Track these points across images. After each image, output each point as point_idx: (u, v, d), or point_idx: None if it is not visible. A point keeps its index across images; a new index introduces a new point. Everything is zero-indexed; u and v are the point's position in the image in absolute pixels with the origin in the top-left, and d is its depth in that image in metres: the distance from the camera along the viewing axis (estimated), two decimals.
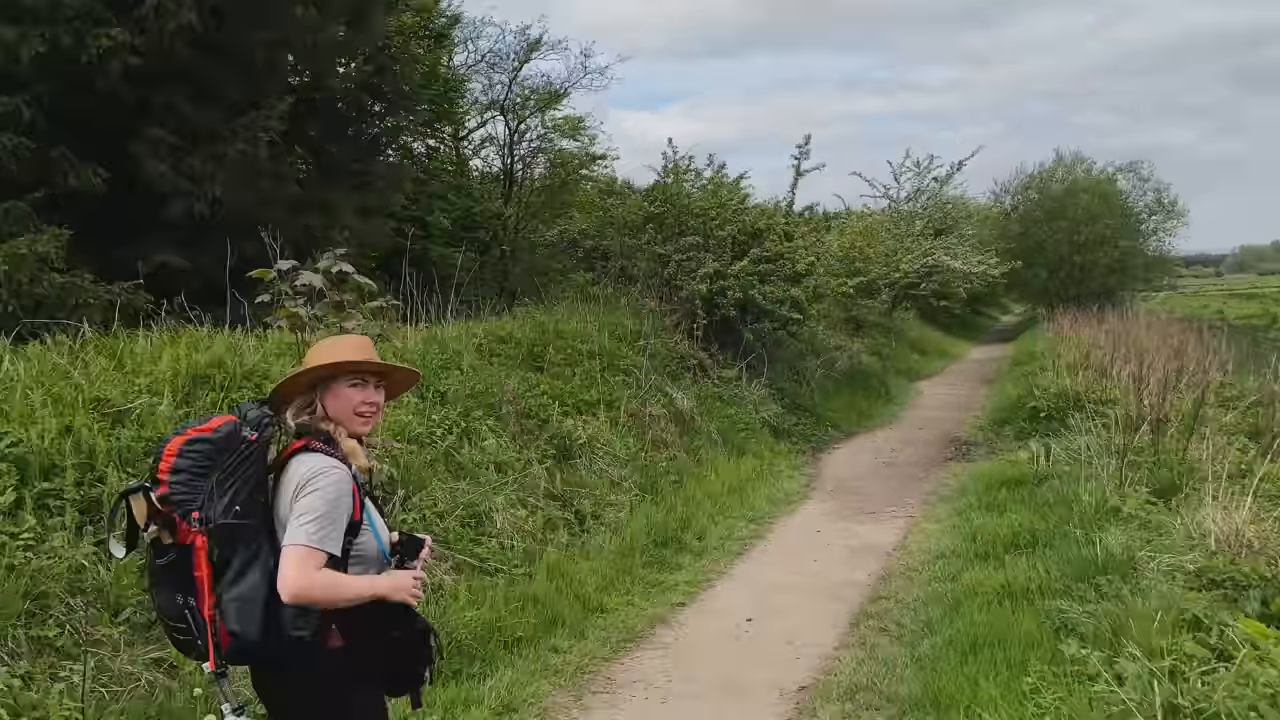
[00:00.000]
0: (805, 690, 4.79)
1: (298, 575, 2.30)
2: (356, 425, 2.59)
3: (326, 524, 2.37)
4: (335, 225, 12.27)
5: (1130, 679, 3.12)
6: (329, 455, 2.46)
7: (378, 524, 2.60)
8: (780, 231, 13.25)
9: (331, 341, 2.70)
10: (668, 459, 9.20)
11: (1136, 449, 7.64)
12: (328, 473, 2.41)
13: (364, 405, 2.59)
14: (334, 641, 2.43)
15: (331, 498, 2.38)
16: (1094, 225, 30.04)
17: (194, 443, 2.40)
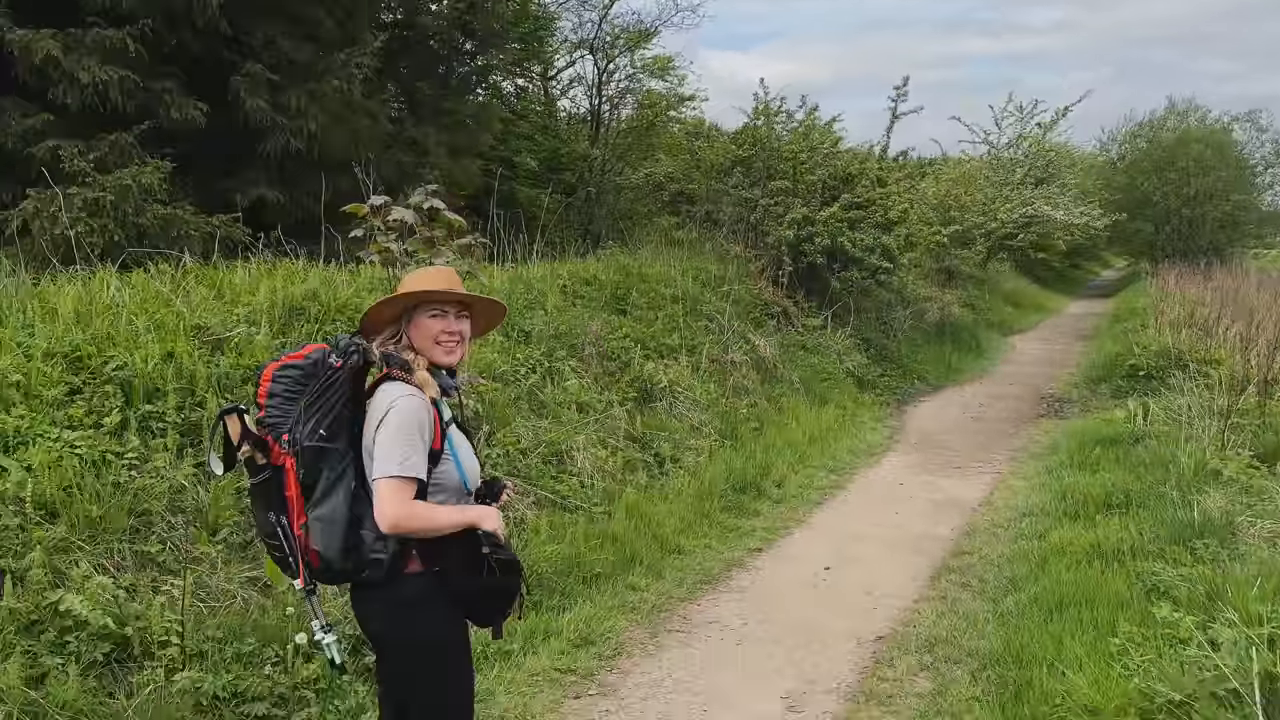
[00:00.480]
0: (882, 640, 4.75)
1: (395, 506, 2.37)
2: (438, 355, 2.59)
3: (408, 451, 2.40)
4: (425, 163, 12.39)
5: (1226, 645, 3.00)
6: (407, 383, 2.50)
7: (462, 455, 2.61)
8: (873, 177, 12.90)
9: (418, 272, 2.71)
10: (748, 406, 9.15)
11: (1241, 411, 7.30)
12: (405, 401, 2.44)
13: (444, 335, 2.59)
14: (413, 566, 2.47)
15: (410, 425, 2.42)
16: (1205, 177, 28.54)
17: (286, 369, 2.50)
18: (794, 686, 4.24)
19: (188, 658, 3.64)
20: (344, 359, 2.49)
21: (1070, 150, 28.67)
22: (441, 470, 2.52)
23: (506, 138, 17.72)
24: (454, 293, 2.62)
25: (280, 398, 2.48)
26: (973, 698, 3.95)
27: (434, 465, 2.49)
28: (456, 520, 2.48)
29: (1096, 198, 25.65)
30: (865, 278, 12.87)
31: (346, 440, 2.50)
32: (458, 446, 2.60)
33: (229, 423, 2.53)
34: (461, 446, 2.63)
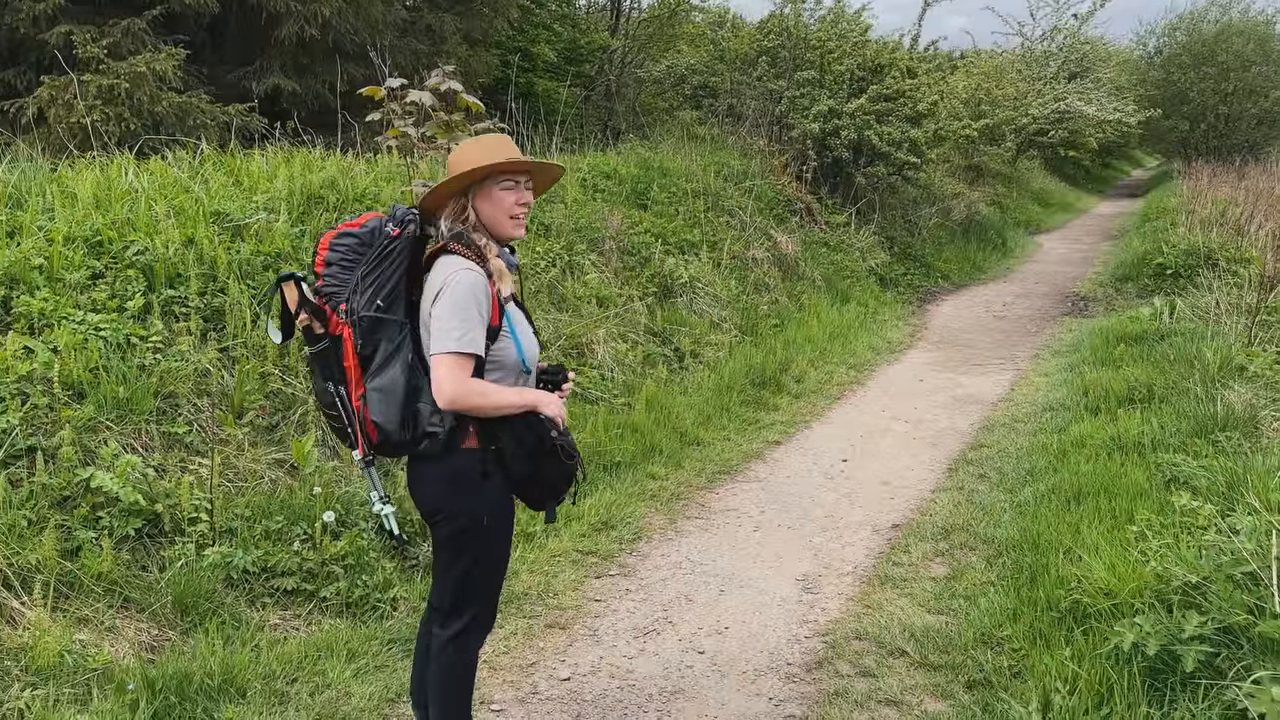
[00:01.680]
0: (898, 529, 4.81)
1: (453, 383, 2.32)
2: (510, 228, 2.50)
3: (466, 326, 2.34)
4: (441, 51, 12.10)
5: (1245, 531, 3.01)
6: (465, 257, 2.41)
7: (521, 333, 2.53)
8: (903, 67, 12.51)
9: (475, 143, 2.51)
10: (769, 302, 9.10)
11: (1270, 309, 7.18)
12: (461, 275, 2.35)
13: (518, 208, 2.48)
14: (470, 442, 2.43)
15: (467, 299, 2.34)
16: (1245, 72, 27.51)
17: (342, 236, 2.45)
18: (810, 570, 4.32)
19: (217, 534, 3.73)
20: (401, 227, 2.42)
21: (1106, 44, 27.71)
22: (500, 348, 2.45)
23: (524, 26, 17.25)
24: (527, 160, 2.49)
25: (337, 266, 2.42)
26: (987, 582, 4.00)
27: (492, 342, 2.42)
28: (515, 402, 2.43)
29: (1131, 94, 24.87)
30: (891, 173, 12.63)
31: (404, 311, 2.45)
32: (516, 324, 2.51)
33: (286, 290, 2.47)
34: (520, 325, 2.54)
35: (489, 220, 2.48)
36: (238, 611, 3.52)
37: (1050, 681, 3.00)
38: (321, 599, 3.67)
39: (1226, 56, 27.37)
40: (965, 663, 3.38)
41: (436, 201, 2.50)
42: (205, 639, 3.30)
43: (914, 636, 3.61)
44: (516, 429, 2.44)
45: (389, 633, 3.55)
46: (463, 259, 2.41)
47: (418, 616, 3.64)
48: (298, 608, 3.64)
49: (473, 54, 13.04)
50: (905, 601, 3.94)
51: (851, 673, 3.43)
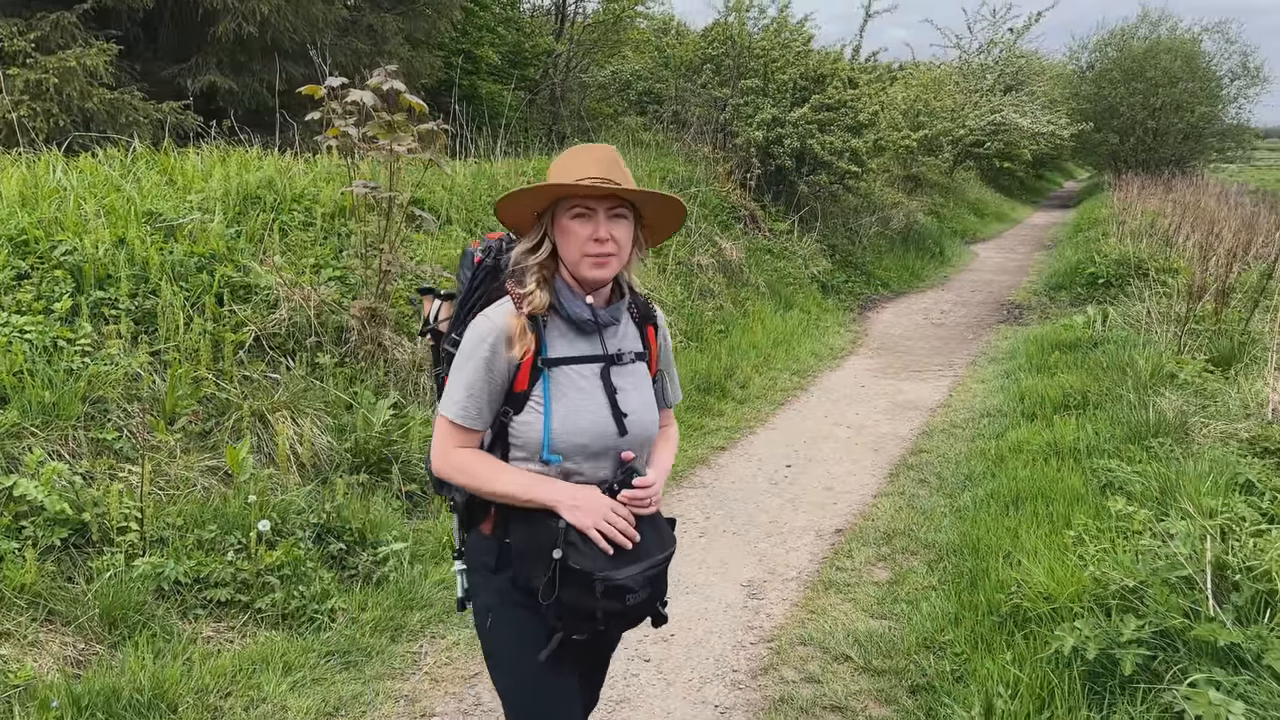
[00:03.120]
0: (841, 534, 4.84)
1: (433, 451, 2.01)
2: (585, 268, 1.96)
3: (457, 387, 1.96)
4: (383, 51, 11.96)
5: (1180, 536, 3.08)
6: (512, 297, 1.99)
7: (561, 409, 1.94)
8: (844, 78, 12.67)
9: (568, 154, 2.04)
10: (714, 308, 9.13)
11: (1198, 318, 7.40)
12: (477, 320, 1.98)
13: (593, 244, 1.94)
14: (487, 525, 2.03)
15: (466, 352, 1.96)
16: (1172, 89, 28.47)
17: (464, 255, 2.21)
18: (755, 575, 4.32)
19: (148, 544, 3.61)
20: (484, 255, 2.11)
21: (1040, 58, 28.42)
22: (523, 422, 1.94)
23: (467, 29, 17.13)
24: (597, 184, 1.91)
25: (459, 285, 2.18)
26: (929, 586, 4.05)
27: (515, 411, 1.95)
28: (520, 491, 1.91)
29: (1064, 107, 25.54)
30: (833, 182, 12.78)
31: None
32: (560, 395, 1.95)
33: (425, 302, 2.30)
34: (569, 397, 1.95)
35: (565, 255, 2.00)
36: (169, 624, 3.40)
37: (992, 686, 3.03)
38: (256, 610, 3.56)
39: (1155, 73, 28.28)
40: (908, 667, 3.41)
41: (512, 219, 2.08)
42: (134, 653, 3.18)
43: (858, 641, 3.63)
44: (529, 527, 1.93)
45: (326, 644, 3.46)
46: (505, 299, 2.01)
47: (356, 628, 3.57)
48: (231, 619, 3.54)
49: (415, 55, 12.90)
50: (849, 606, 3.97)
51: (797, 679, 3.44)
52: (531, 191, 1.94)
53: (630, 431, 1.98)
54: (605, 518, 1.87)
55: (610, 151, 2.02)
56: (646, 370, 2.11)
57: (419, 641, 3.62)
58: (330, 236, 5.83)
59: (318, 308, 4.93)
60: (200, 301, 4.72)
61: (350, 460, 4.47)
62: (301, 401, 4.55)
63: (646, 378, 2.10)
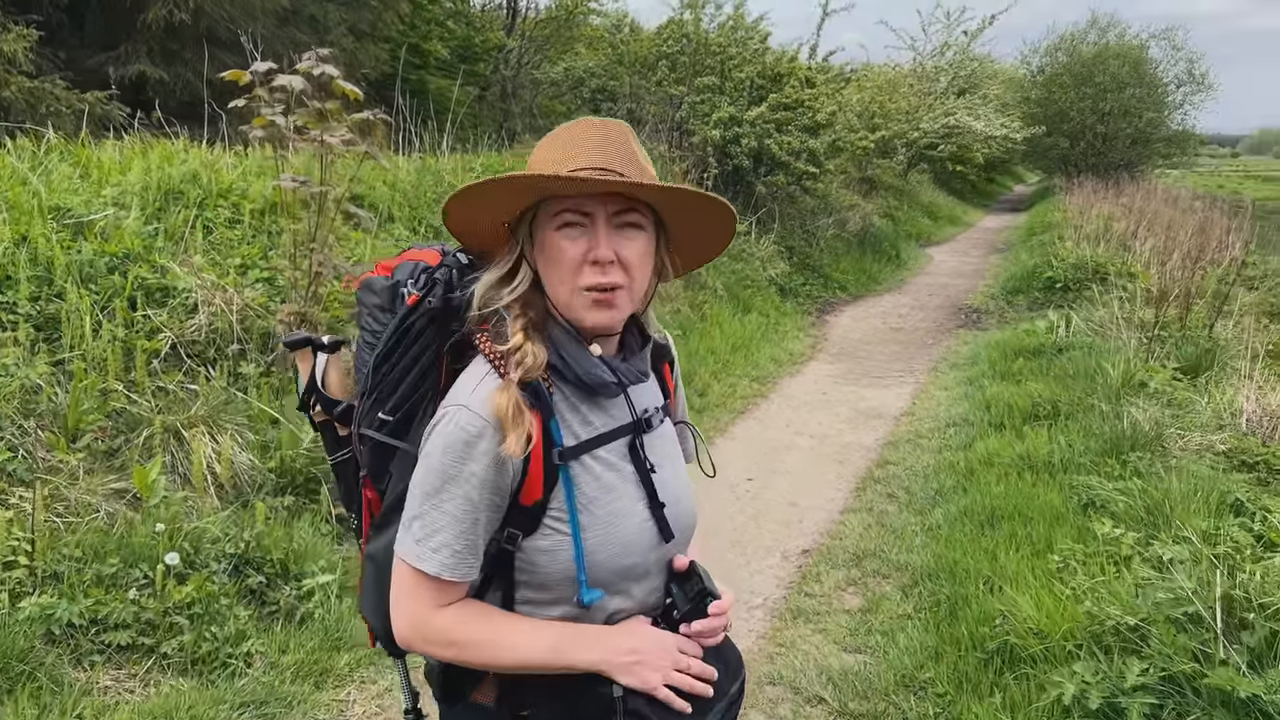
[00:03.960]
0: (808, 554, 4.56)
1: (401, 615, 1.35)
2: (579, 310, 1.33)
3: (427, 518, 1.29)
4: (325, 42, 11.49)
5: (1184, 565, 2.83)
6: (492, 362, 1.32)
7: (593, 523, 1.34)
8: (801, 77, 12.46)
9: (558, 133, 1.40)
10: (671, 312, 8.82)
11: (1163, 324, 7.26)
12: (455, 412, 1.30)
13: (587, 269, 1.31)
14: (483, 694, 1.42)
15: (438, 471, 1.28)
16: (1121, 94, 28.79)
17: (364, 289, 1.50)
18: None
19: (39, 580, 3.20)
20: (422, 291, 1.40)
21: (993, 62, 28.58)
22: (540, 549, 1.33)
23: (415, 22, 16.67)
24: (596, 177, 1.28)
25: (365, 335, 1.47)
26: (904, 615, 3.77)
27: (526, 533, 1.32)
28: (548, 658, 1.32)
29: (1016, 111, 25.68)
30: (791, 183, 12.55)
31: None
32: (590, 501, 1.34)
33: (299, 361, 1.60)
34: (601, 502, 1.35)
35: (551, 289, 1.35)
36: (59, 673, 2.99)
37: None
38: (162, 655, 3.17)
39: (1104, 78, 28.59)
40: (888, 711, 3.13)
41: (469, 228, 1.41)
42: (15, 708, 2.78)
43: (831, 680, 3.34)
44: (561, 699, 1.36)
45: (241, 694, 3.07)
46: (483, 370, 1.33)
47: (275, 673, 3.20)
48: (133, 666, 3.14)
49: (359, 46, 12.46)
50: (820, 639, 3.67)
51: None
52: (499, 185, 1.29)
53: (676, 528, 1.42)
54: (676, 666, 1.33)
55: (620, 131, 1.36)
56: (672, 427, 1.57)
57: (347, 688, 3.25)
58: (259, 235, 5.42)
59: (242, 312, 4.53)
60: (111, 306, 4.30)
61: (274, 481, 4.08)
62: (221, 416, 4.14)
63: (674, 439, 1.57)
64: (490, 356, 1.32)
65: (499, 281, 1.36)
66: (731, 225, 1.44)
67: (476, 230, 1.40)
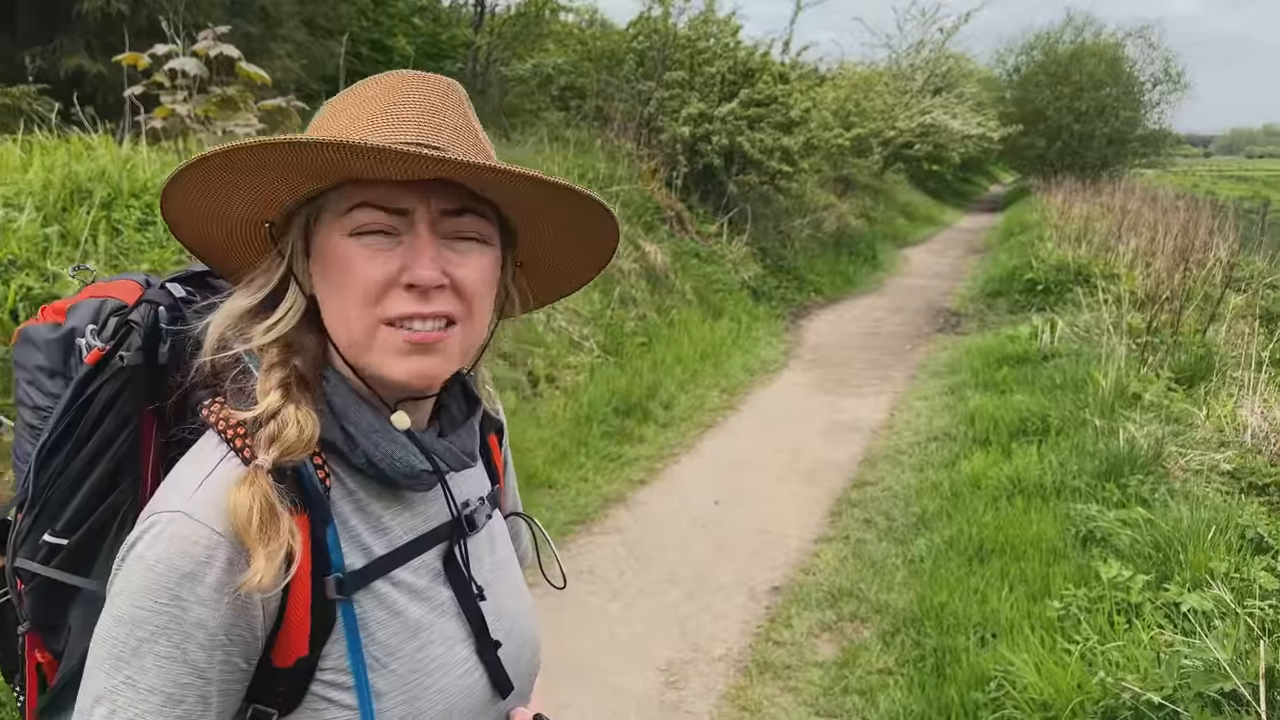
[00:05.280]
0: (779, 591, 4.12)
1: None
2: (379, 356, 0.87)
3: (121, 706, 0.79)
4: (276, 36, 11.00)
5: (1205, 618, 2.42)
6: (229, 440, 0.85)
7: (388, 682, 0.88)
8: (774, 73, 12.05)
9: (352, 91, 0.93)
10: (636, 318, 8.38)
11: (1154, 329, 6.89)
12: (155, 526, 0.81)
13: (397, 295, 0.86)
14: None
15: (130, 620, 0.80)
16: (1097, 93, 28.65)
17: (23, 343, 1.01)
18: (675, 655, 3.56)
19: None
20: (109, 345, 0.94)
21: (969, 60, 28.35)
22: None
23: (379, 18, 16.16)
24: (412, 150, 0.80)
25: (25, 413, 0.99)
26: (885, 670, 3.33)
27: (286, 709, 0.86)
28: None
29: (993, 110, 25.43)
30: (764, 182, 12.15)
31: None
32: (385, 658, 0.89)
33: None
34: (405, 652, 0.90)
35: (338, 326, 0.89)
36: None
37: None
38: None
39: (1080, 76, 28.45)
40: None
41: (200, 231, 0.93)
42: None
43: None
44: None
45: None
46: (213, 453, 0.86)
47: None
48: None
49: (314, 41, 11.96)
50: (789, 699, 3.23)
51: None
52: (254, 153, 0.81)
53: (515, 674, 1.01)
54: None
55: (452, 92, 0.93)
56: (503, 522, 1.12)
57: None
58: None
59: None
60: None
61: None
62: None
63: (507, 540, 1.11)
64: (225, 431, 0.85)
65: (250, 313, 0.89)
66: (614, 240, 1.01)
67: (218, 233, 0.92)
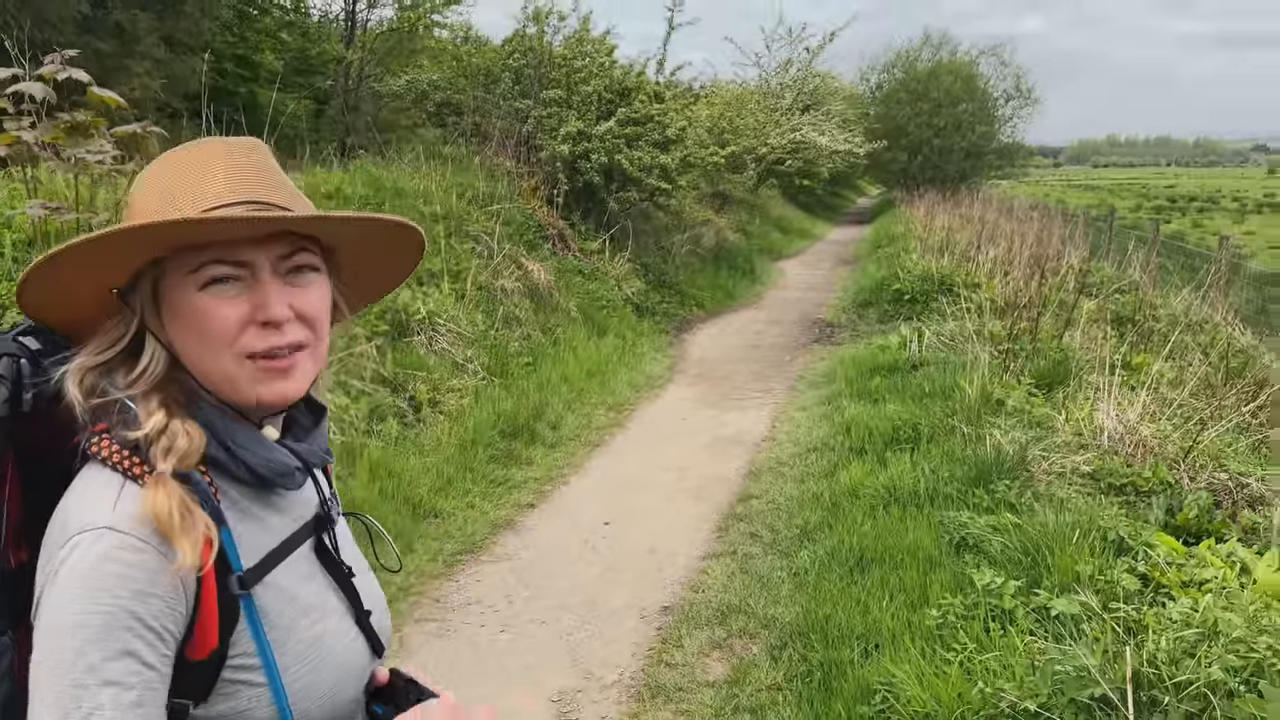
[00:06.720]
0: (669, 611, 4.14)
1: None
2: (244, 384, 1.01)
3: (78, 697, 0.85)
4: (134, 54, 10.52)
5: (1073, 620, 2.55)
6: (122, 470, 0.95)
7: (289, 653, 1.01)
8: (650, 92, 12.20)
9: (169, 160, 1.04)
10: (521, 338, 8.33)
11: (1014, 336, 7.25)
12: (80, 546, 0.90)
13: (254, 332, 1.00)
14: None
15: (74, 625, 0.87)
16: (955, 109, 30.08)
17: None
18: (567, 684, 3.54)
19: None
20: None
21: (834, 79, 29.34)
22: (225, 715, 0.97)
23: (245, 33, 15.67)
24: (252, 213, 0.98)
25: None
26: (774, 686, 3.39)
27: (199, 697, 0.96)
28: None
29: (859, 126, 26.38)
30: (643, 199, 12.28)
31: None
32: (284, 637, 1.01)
33: None
34: (300, 629, 1.03)
35: (202, 365, 1.01)
36: None
37: None
38: None
39: (938, 93, 29.80)
40: None
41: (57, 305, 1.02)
42: None
43: None
44: None
45: None
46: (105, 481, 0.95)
47: None
48: None
49: (174, 57, 11.50)
50: None
51: None
52: (103, 244, 0.92)
53: (384, 638, 1.19)
54: None
55: (259, 151, 1.05)
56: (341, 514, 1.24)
57: None
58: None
59: None
60: None
61: None
62: None
63: (345, 525, 1.27)
64: (116, 458, 0.96)
65: (109, 366, 1.01)
66: (420, 247, 1.20)
67: (70, 306, 1.03)
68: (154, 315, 1.01)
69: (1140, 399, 5.35)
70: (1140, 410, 5.27)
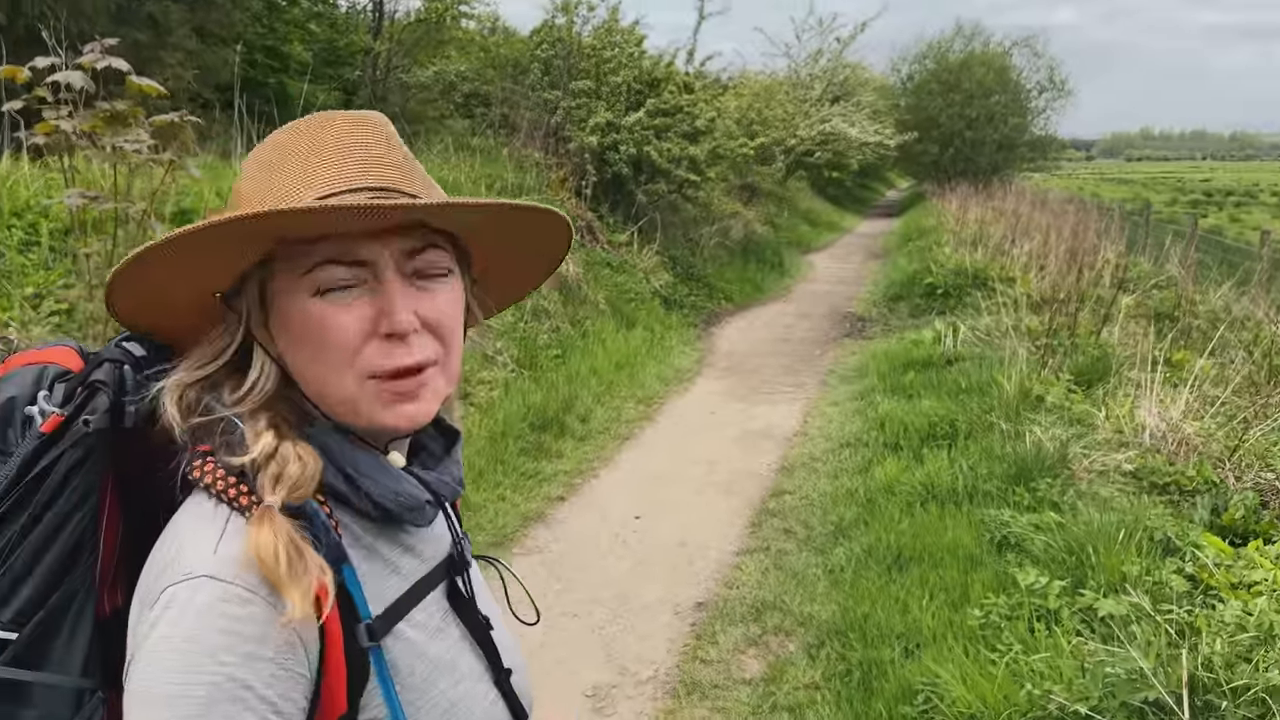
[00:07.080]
0: (703, 607, 4.10)
1: None
2: (368, 407, 0.85)
3: None
4: (167, 44, 10.58)
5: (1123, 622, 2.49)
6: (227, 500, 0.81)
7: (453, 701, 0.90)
8: (679, 82, 12.12)
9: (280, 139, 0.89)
10: (550, 330, 8.30)
11: (1052, 332, 7.13)
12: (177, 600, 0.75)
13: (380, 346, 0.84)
14: None
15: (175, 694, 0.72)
16: (987, 100, 29.73)
17: None
18: (601, 679, 3.51)
19: None
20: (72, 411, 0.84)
21: (865, 69, 29.10)
22: None
23: (274, 24, 15.72)
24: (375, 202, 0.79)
25: None
26: (813, 685, 3.34)
27: None
28: None
29: (889, 118, 26.14)
30: (672, 191, 12.21)
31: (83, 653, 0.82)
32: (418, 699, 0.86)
33: None
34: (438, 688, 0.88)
35: (316, 385, 0.86)
36: None
37: None
38: None
39: (970, 84, 29.45)
40: None
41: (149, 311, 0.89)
42: None
43: None
44: None
45: None
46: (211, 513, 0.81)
47: None
48: None
49: (206, 48, 11.54)
50: None
51: None
52: (201, 237, 0.79)
53: (526, 701, 1.03)
54: None
55: (386, 128, 0.90)
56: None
57: None
58: (63, 259, 4.66)
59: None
60: None
61: None
62: None
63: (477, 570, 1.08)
64: (220, 486, 0.81)
65: (213, 381, 0.86)
66: (567, 240, 1.01)
67: (166, 312, 0.88)
68: (261, 324, 0.87)
69: (1183, 396, 5.24)
70: (1183, 408, 5.15)
